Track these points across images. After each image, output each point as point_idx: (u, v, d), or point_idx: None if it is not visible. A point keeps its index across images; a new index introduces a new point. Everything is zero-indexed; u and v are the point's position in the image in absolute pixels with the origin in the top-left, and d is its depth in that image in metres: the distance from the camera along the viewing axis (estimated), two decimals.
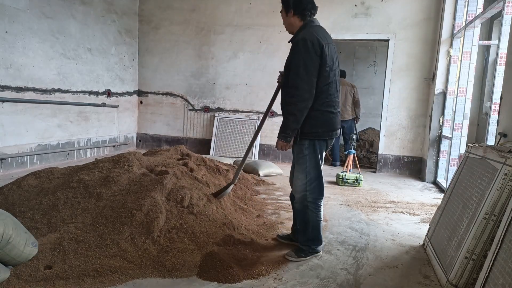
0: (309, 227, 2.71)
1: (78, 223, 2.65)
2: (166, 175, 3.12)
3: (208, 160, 4.16)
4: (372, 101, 9.31)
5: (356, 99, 6.78)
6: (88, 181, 3.03)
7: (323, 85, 2.48)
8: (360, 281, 2.43)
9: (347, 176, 5.24)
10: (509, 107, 3.21)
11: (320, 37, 2.44)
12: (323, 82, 2.47)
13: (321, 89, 2.48)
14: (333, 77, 2.52)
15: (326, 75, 2.47)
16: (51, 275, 2.20)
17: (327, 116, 2.55)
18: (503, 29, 3.76)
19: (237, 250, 2.67)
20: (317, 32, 2.48)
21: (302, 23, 2.57)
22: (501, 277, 1.81)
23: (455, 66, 5.47)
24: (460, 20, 5.44)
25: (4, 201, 3.03)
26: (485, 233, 2.16)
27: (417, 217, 3.90)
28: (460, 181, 2.81)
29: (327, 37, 2.52)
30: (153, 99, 7.46)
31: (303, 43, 2.42)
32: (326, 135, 2.57)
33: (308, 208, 2.67)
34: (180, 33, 7.15)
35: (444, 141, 5.66)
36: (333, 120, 2.59)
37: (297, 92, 2.43)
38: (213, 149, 6.93)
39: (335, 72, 2.56)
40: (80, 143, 6.13)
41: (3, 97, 4.72)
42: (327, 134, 2.58)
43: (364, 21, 6.28)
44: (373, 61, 9.41)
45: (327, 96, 2.51)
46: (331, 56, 2.50)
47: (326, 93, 2.50)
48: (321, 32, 2.52)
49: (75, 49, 5.86)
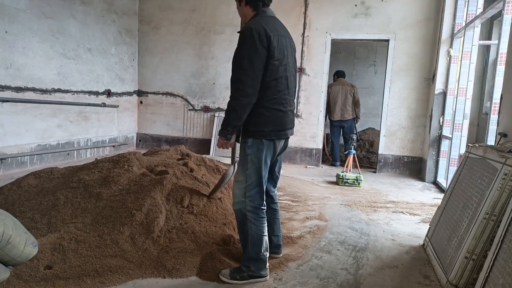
0: (248, 243, 2.35)
1: (78, 223, 2.65)
2: (166, 175, 3.11)
3: (208, 160, 4.15)
4: (372, 101, 9.31)
5: (356, 99, 6.78)
6: (88, 181, 3.03)
7: (270, 80, 2.24)
8: (360, 281, 2.43)
9: (347, 176, 5.24)
10: (509, 107, 3.21)
11: (269, 28, 2.21)
12: (270, 76, 2.24)
13: (268, 85, 2.25)
14: (283, 72, 2.29)
15: (274, 69, 2.24)
16: (51, 275, 2.20)
17: (274, 114, 2.30)
18: (503, 29, 3.76)
19: (237, 250, 2.67)
20: (267, 22, 2.25)
21: (255, 13, 2.34)
22: (501, 277, 1.81)
23: (455, 66, 5.47)
24: (460, 20, 5.43)
25: (4, 201, 3.03)
26: (485, 233, 2.16)
27: (417, 217, 3.90)
28: (460, 181, 2.81)
29: (278, 29, 2.29)
30: (153, 99, 7.46)
31: (249, 33, 2.18)
32: (273, 134, 2.32)
33: (247, 218, 2.32)
34: (180, 33, 7.15)
35: (444, 141, 5.66)
36: (282, 119, 2.34)
37: (240, 86, 2.22)
38: (213, 149, 6.93)
39: (286, 67, 2.32)
40: (80, 143, 6.13)
41: (3, 97, 4.72)
42: (274, 133, 2.32)
43: (364, 21, 6.28)
44: (373, 61, 9.41)
45: (275, 92, 2.27)
46: (281, 49, 2.26)
47: (274, 89, 2.27)
48: (272, 23, 2.28)
49: (75, 49, 5.86)
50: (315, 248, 2.93)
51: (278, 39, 2.24)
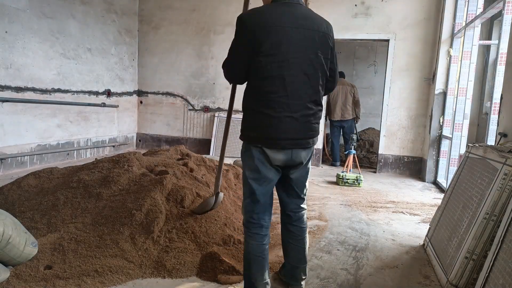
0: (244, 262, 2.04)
1: (78, 223, 2.65)
2: (166, 175, 3.11)
3: (208, 160, 4.15)
4: (372, 101, 9.30)
5: (356, 99, 6.78)
6: (88, 181, 3.03)
7: (256, 79, 1.89)
8: (360, 281, 2.43)
9: (347, 176, 5.24)
10: (509, 107, 3.20)
11: (264, 18, 1.84)
12: (257, 75, 1.88)
13: (254, 84, 1.91)
14: (276, 70, 1.84)
15: (260, 67, 1.85)
16: (51, 275, 2.20)
17: (261, 119, 1.89)
18: (503, 29, 3.75)
19: (237, 250, 2.67)
20: (269, 11, 1.87)
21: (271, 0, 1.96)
22: (501, 277, 1.80)
23: (455, 66, 5.47)
24: (460, 20, 5.43)
25: (4, 201, 3.03)
26: (485, 233, 2.16)
27: (417, 217, 3.90)
28: (460, 181, 2.81)
29: (285, 19, 1.84)
30: (153, 99, 7.46)
31: (238, 21, 1.91)
32: (259, 142, 1.90)
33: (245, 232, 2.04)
34: (180, 33, 7.15)
35: (444, 141, 5.65)
36: (273, 125, 1.88)
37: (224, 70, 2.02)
38: (213, 149, 6.92)
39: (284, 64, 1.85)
40: (80, 143, 6.13)
41: (3, 97, 4.72)
42: (261, 141, 1.90)
43: (364, 21, 6.28)
44: (373, 61, 9.41)
45: (263, 93, 1.87)
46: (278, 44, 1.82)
47: (262, 90, 1.87)
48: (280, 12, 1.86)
49: (75, 49, 5.85)
50: (315, 248, 2.92)
51: (276, 31, 1.82)
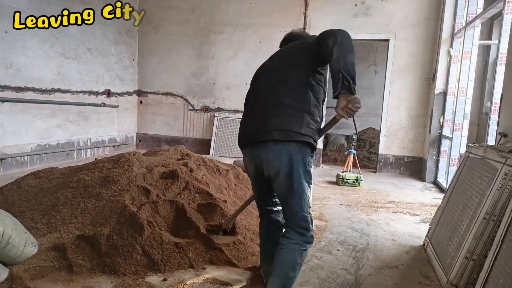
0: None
1: (78, 223, 2.64)
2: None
3: (208, 160, 4.14)
4: (372, 101, 9.30)
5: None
6: (88, 181, 3.02)
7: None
8: (360, 281, 2.42)
9: (347, 176, 5.24)
10: (509, 107, 3.20)
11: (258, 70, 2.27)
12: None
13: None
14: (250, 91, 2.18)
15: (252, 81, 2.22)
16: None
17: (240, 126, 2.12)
18: (503, 29, 3.75)
19: (237, 250, 2.67)
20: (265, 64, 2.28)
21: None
22: (501, 277, 1.80)
23: (456, 66, 5.47)
24: (461, 20, 5.43)
25: (4, 201, 3.03)
26: (485, 233, 2.16)
27: (417, 217, 3.90)
28: (460, 181, 2.81)
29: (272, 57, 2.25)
30: (153, 99, 7.45)
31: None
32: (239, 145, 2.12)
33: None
34: (180, 33, 7.14)
35: (444, 141, 5.65)
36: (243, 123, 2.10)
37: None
38: (213, 149, 6.92)
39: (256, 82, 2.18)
40: (80, 143, 6.13)
41: (3, 97, 4.72)
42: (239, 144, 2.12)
43: (364, 21, 6.28)
44: (373, 61, 9.41)
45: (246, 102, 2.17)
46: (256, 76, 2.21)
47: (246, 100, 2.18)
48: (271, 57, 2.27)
49: (74, 49, 5.85)
50: (315, 248, 2.92)
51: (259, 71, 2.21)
